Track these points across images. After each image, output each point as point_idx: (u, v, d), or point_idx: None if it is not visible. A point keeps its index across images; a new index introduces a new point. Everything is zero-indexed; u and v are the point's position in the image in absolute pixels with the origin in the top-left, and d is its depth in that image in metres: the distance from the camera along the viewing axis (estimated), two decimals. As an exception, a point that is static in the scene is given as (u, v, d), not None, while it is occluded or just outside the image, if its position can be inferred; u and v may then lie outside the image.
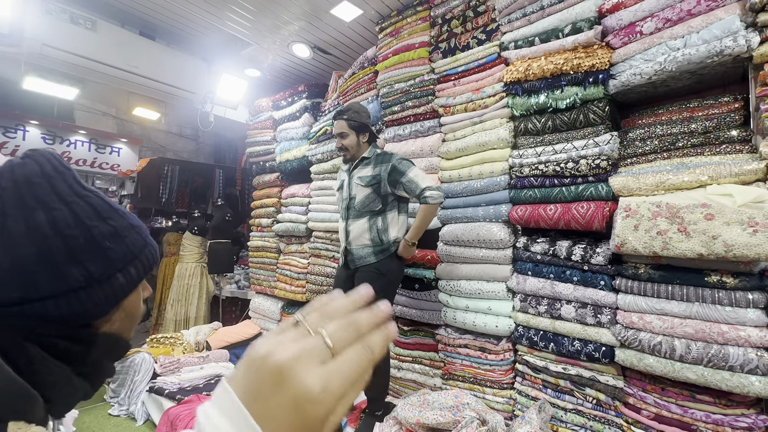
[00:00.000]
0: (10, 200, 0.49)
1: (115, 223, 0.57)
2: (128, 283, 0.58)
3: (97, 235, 0.54)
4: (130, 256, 0.58)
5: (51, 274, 0.49)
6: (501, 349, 2.10)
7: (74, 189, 0.54)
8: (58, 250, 0.50)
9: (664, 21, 1.63)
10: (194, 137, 7.45)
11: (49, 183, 0.52)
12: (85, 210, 0.54)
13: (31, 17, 2.61)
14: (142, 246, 0.61)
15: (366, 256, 2.04)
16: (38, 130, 5.87)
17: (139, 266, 0.60)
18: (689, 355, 1.48)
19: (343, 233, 2.13)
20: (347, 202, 2.12)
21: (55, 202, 0.51)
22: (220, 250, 4.52)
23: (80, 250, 0.52)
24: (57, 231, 0.50)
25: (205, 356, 3.05)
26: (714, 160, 1.56)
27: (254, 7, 2.84)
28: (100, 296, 0.54)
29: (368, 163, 2.08)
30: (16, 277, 0.48)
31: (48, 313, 0.50)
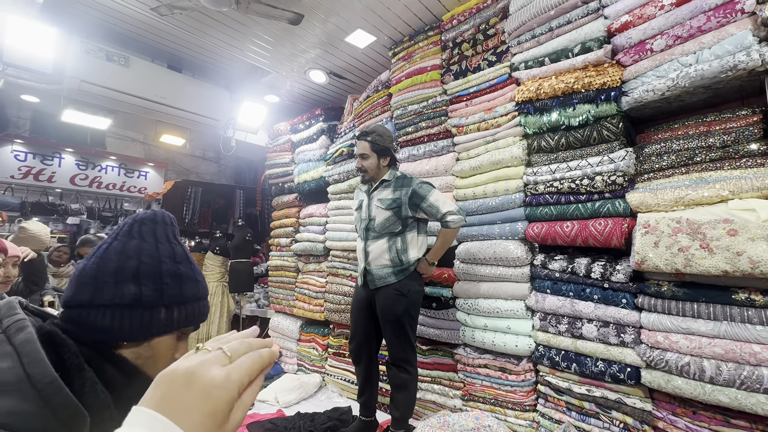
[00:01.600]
0: (124, 230, 0.66)
1: (182, 268, 0.67)
2: (166, 322, 0.64)
3: (164, 270, 0.64)
4: (179, 298, 0.66)
5: (115, 286, 0.60)
6: (522, 370, 2.06)
7: (168, 236, 0.68)
8: (129, 269, 0.61)
9: (675, 38, 1.64)
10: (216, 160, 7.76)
11: (153, 226, 0.67)
12: (166, 250, 0.66)
13: (72, 57, 2.84)
14: (194, 297, 0.68)
15: (386, 277, 2.05)
16: (73, 157, 6.27)
17: (183, 312, 0.66)
18: (720, 377, 1.42)
19: (362, 253, 2.14)
20: (366, 222, 2.14)
21: (149, 238, 0.65)
22: (241, 270, 4.63)
23: (144, 275, 0.62)
24: (137, 256, 0.63)
25: (226, 375, 3.09)
26: (734, 175, 1.53)
27: (273, 38, 3.00)
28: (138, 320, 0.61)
29: (388, 186, 2.12)
30: (94, 283, 0.59)
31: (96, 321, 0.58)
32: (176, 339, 0.67)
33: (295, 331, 3.58)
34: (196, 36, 3.01)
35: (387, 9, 2.59)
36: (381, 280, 2.06)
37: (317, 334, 3.37)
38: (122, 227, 0.66)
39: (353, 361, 2.25)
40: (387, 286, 2.04)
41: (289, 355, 3.64)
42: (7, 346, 0.48)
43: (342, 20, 2.72)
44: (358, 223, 2.23)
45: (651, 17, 1.70)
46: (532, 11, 2.06)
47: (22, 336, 0.49)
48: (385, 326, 2.07)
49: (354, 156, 3.19)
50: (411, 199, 2.03)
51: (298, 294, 3.58)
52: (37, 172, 5.89)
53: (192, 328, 0.71)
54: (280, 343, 3.75)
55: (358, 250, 2.20)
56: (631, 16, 1.75)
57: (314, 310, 3.35)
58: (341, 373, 3.06)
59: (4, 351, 0.48)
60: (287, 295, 3.78)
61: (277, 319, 3.86)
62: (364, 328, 2.18)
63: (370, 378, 2.22)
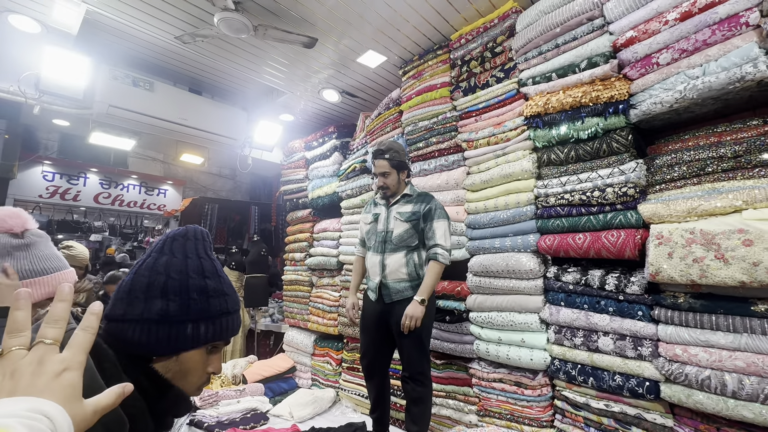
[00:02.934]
0: (156, 247, 0.68)
1: (210, 283, 0.68)
2: (193, 337, 0.65)
3: (191, 285, 0.66)
4: (206, 314, 0.66)
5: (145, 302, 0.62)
6: (538, 384, 2.03)
7: (198, 251, 0.70)
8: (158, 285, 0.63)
9: (680, 51, 1.66)
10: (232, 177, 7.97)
11: (184, 242, 0.69)
12: (194, 265, 0.68)
13: (101, 83, 3.02)
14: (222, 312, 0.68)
15: (403, 290, 2.07)
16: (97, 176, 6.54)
17: (210, 328, 0.66)
18: (743, 392, 1.39)
19: (378, 267, 2.12)
20: (384, 235, 2.15)
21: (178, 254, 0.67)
22: (256, 285, 4.71)
23: (172, 290, 0.64)
24: (166, 271, 0.65)
25: (242, 390, 3.12)
26: (748, 185, 1.52)
27: (288, 61, 3.13)
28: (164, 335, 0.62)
29: (410, 201, 2.16)
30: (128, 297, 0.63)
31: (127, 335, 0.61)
32: (206, 353, 0.68)
33: (309, 345, 3.61)
34: (216, 61, 3.17)
35: (397, 30, 2.69)
36: (398, 294, 2.07)
37: (331, 348, 3.38)
38: (157, 243, 0.69)
39: (366, 377, 2.24)
40: (404, 299, 2.05)
41: (303, 370, 3.66)
42: None
43: (354, 42, 2.84)
44: (372, 236, 2.23)
45: (656, 32, 1.73)
46: (538, 29, 2.12)
47: None
48: (402, 340, 2.05)
49: (367, 172, 3.27)
50: (426, 213, 2.10)
51: (312, 308, 3.62)
52: (63, 191, 6.16)
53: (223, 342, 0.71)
54: (294, 358, 3.77)
55: (371, 264, 2.19)
56: (636, 32, 1.79)
57: (328, 324, 3.38)
58: (355, 387, 3.06)
59: None
60: (301, 309, 3.82)
61: (292, 333, 3.89)
62: (377, 344, 2.17)
63: (383, 393, 2.22)
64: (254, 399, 3.03)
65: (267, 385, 3.36)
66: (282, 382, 3.54)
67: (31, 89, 2.86)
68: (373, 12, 2.51)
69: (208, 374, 0.70)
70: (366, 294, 2.25)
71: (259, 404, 2.96)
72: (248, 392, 3.14)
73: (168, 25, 2.70)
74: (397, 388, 2.68)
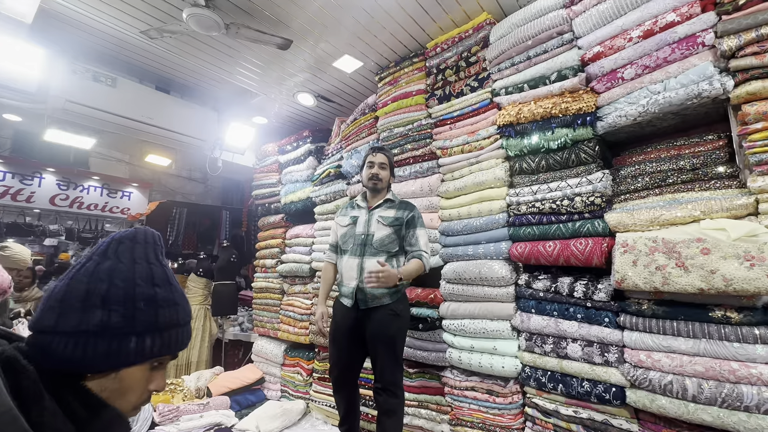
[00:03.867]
0: (100, 249, 0.61)
1: (160, 291, 0.61)
2: (137, 352, 0.58)
3: (138, 294, 0.59)
4: (153, 326, 0.59)
5: (81, 311, 0.55)
6: (509, 392, 2.03)
7: (148, 256, 0.63)
8: (98, 293, 0.56)
9: (643, 68, 1.74)
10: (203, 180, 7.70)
11: (132, 245, 0.62)
12: (142, 272, 0.61)
13: (58, 77, 2.84)
14: (171, 324, 0.62)
15: (381, 297, 1.98)
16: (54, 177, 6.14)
17: (158, 341, 0.60)
18: (702, 395, 1.43)
19: (356, 270, 2.02)
20: (363, 238, 2.06)
21: (125, 258, 0.60)
22: (225, 292, 4.52)
23: (114, 299, 0.57)
24: (109, 278, 0.58)
25: (206, 403, 2.96)
26: (705, 196, 1.59)
27: (262, 62, 3.06)
28: (103, 349, 0.55)
29: (392, 207, 2.13)
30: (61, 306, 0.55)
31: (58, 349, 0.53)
32: (150, 369, 0.61)
33: (279, 355, 3.48)
34: (185, 59, 3.05)
35: (374, 36, 2.68)
36: (375, 301, 1.98)
37: (302, 358, 3.28)
38: (99, 246, 0.61)
39: (335, 389, 2.14)
40: (381, 306, 1.98)
41: (272, 381, 3.52)
42: None
43: (330, 46, 2.81)
44: (350, 239, 2.11)
45: (621, 48, 1.80)
46: (511, 41, 2.17)
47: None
48: (377, 349, 1.98)
49: (341, 177, 3.23)
50: (409, 220, 2.07)
51: (283, 316, 3.50)
52: (15, 192, 5.73)
53: (169, 357, 0.65)
54: (264, 369, 3.63)
55: (347, 268, 2.06)
56: (602, 47, 1.86)
57: (299, 333, 3.28)
58: (326, 399, 2.97)
59: None
60: (271, 317, 3.69)
61: (261, 342, 3.75)
62: (347, 354, 2.07)
63: (353, 406, 2.15)
64: (219, 413, 2.88)
65: (233, 398, 3.21)
66: (249, 394, 3.39)
67: (-24, 80, 2.65)
68: (350, 17, 2.49)
69: (149, 392, 0.63)
70: (337, 302, 2.14)
71: (224, 419, 2.82)
72: (212, 406, 2.98)
73: (133, 18, 2.58)
74: (369, 398, 2.62)
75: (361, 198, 2.21)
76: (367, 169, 2.15)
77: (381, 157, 2.15)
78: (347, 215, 2.21)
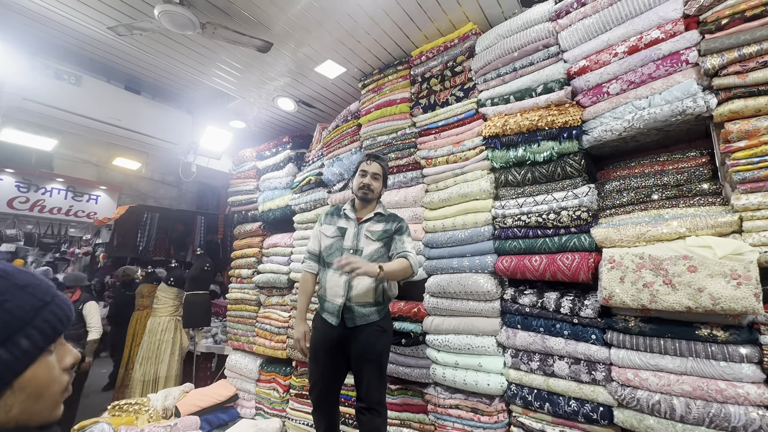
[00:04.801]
0: None
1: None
2: (17, 358, 0.48)
3: None
4: (14, 324, 0.49)
5: None
6: (494, 410, 1.97)
7: None
8: None
9: (628, 83, 1.74)
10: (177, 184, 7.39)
11: None
12: None
13: (14, 73, 2.62)
14: (35, 308, 0.52)
15: (369, 315, 1.89)
16: (13, 178, 5.75)
17: (33, 333, 0.51)
18: (690, 415, 1.41)
19: (343, 288, 1.90)
20: (352, 253, 1.93)
21: None
22: (197, 303, 4.29)
23: None
24: None
25: (173, 425, 2.76)
26: (689, 212, 1.60)
27: (240, 64, 2.94)
28: None
29: (380, 220, 2.02)
30: None
31: None
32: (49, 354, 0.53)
33: (255, 370, 3.32)
34: (158, 58, 2.89)
35: (357, 42, 2.62)
36: (363, 318, 1.88)
37: (278, 373, 3.13)
38: None
39: (315, 407, 2.01)
40: (368, 324, 1.89)
41: (246, 398, 3.34)
42: None
43: (312, 51, 2.72)
44: (336, 252, 1.97)
45: (606, 63, 1.80)
46: (497, 52, 2.15)
47: None
48: (362, 366, 1.88)
49: (322, 185, 3.13)
50: (397, 229, 1.99)
51: (259, 330, 3.34)
52: (-34, 194, 5.32)
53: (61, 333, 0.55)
54: (237, 385, 3.45)
55: (333, 284, 1.93)
56: (588, 62, 1.85)
57: (276, 347, 3.13)
58: (304, 417, 2.83)
59: None
60: (247, 330, 3.52)
61: (235, 357, 3.57)
62: (329, 373, 1.96)
63: (333, 425, 2.03)
64: (187, 435, 2.69)
65: (204, 417, 3.01)
66: (221, 412, 3.20)
67: None
68: (333, 21, 2.41)
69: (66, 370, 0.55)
70: (319, 317, 2.01)
71: (193, 441, 2.63)
72: (180, 427, 2.78)
73: (100, 13, 2.41)
74: (349, 416, 2.51)
75: (349, 207, 2.08)
76: (359, 177, 2.02)
77: (375, 166, 2.03)
78: (333, 224, 2.07)
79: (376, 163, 2.03)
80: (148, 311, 4.51)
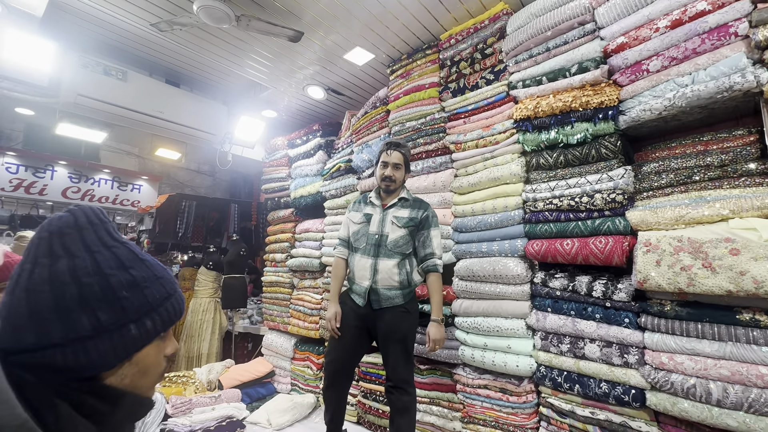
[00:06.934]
0: (42, 249, 0.52)
1: (136, 273, 0.57)
2: (142, 336, 0.56)
3: (115, 284, 0.54)
4: (147, 307, 0.57)
5: (62, 321, 0.50)
6: (523, 391, 2.01)
7: (103, 239, 0.56)
8: (71, 298, 0.51)
9: (670, 59, 1.67)
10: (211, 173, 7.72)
11: (79, 233, 0.54)
12: (107, 259, 0.55)
13: (69, 70, 2.83)
14: (163, 298, 0.60)
15: (394, 297, 1.98)
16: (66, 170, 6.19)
17: (157, 319, 0.58)
18: (727, 400, 1.39)
19: (369, 271, 2.00)
20: (377, 238, 2.03)
21: (79, 251, 0.53)
22: (234, 285, 4.54)
23: (93, 298, 0.52)
24: (75, 278, 0.51)
25: (217, 396, 2.99)
26: (734, 194, 1.53)
27: (272, 54, 3.02)
28: (108, 347, 0.52)
29: (406, 206, 2.08)
30: (32, 322, 0.49)
31: (56, 362, 0.50)
32: (160, 341, 0.60)
33: (289, 349, 3.50)
34: (195, 51, 3.02)
35: (386, 28, 2.62)
36: (388, 301, 1.98)
37: (312, 352, 3.29)
38: (38, 246, 0.53)
39: (329, 383, 2.05)
40: (393, 307, 1.98)
41: (282, 374, 3.54)
42: None
43: (341, 38, 2.75)
44: (363, 237, 2.07)
45: (646, 39, 1.73)
46: (529, 32, 2.10)
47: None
48: (389, 347, 1.97)
49: (352, 171, 3.19)
50: (423, 220, 2.04)
51: (293, 311, 3.51)
52: (28, 185, 5.79)
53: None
54: (273, 362, 3.66)
55: (360, 267, 2.03)
56: (626, 38, 1.78)
57: (309, 327, 3.28)
58: (336, 393, 2.97)
59: None
60: (281, 311, 3.70)
61: (271, 336, 3.77)
62: (351, 350, 2.05)
63: (342, 405, 2.10)
64: (230, 406, 2.90)
65: (244, 391, 3.23)
66: (260, 387, 3.41)
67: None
68: (361, 7, 2.43)
69: (166, 360, 0.63)
70: (347, 296, 2.11)
71: (236, 411, 2.84)
72: (224, 398, 3.00)
73: (143, 11, 2.55)
74: (380, 393, 2.62)
75: (375, 195, 2.16)
76: (381, 168, 2.08)
77: (396, 156, 2.07)
78: (360, 211, 2.16)
79: (396, 152, 2.07)
80: (190, 293, 4.81)
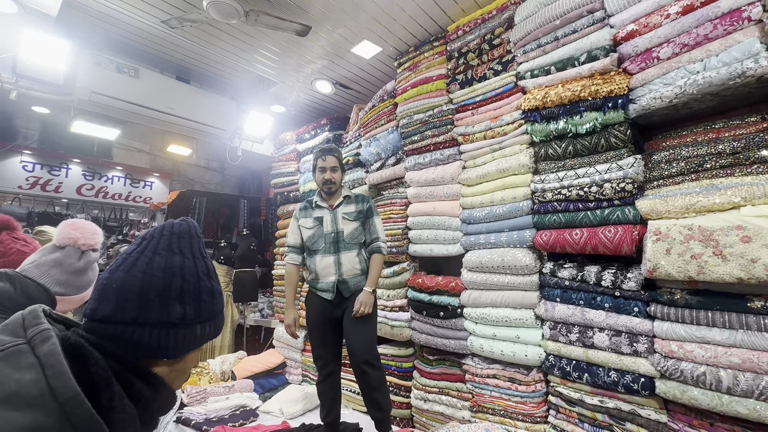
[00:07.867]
0: (163, 243, 0.65)
1: (214, 284, 0.70)
2: (202, 337, 0.66)
3: (202, 288, 0.66)
4: (211, 314, 0.68)
5: (162, 304, 0.60)
6: (532, 380, 2.03)
7: (201, 251, 0.70)
8: (175, 288, 0.62)
9: (681, 46, 1.65)
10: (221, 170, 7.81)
11: (190, 240, 0.68)
12: (202, 266, 0.68)
13: (83, 69, 2.89)
14: (219, 311, 0.71)
15: (359, 282, 2.23)
16: (79, 167, 6.32)
17: (212, 327, 0.68)
18: (738, 387, 1.39)
19: (334, 266, 2.20)
20: (334, 236, 2.23)
21: (189, 254, 0.66)
22: (245, 279, 4.62)
23: (187, 294, 0.63)
24: (182, 273, 0.63)
25: (231, 386, 3.06)
26: (746, 181, 1.51)
27: (280, 49, 3.04)
28: (182, 338, 0.63)
29: (350, 202, 2.31)
30: (139, 299, 0.59)
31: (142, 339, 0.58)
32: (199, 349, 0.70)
33: (300, 340, 3.55)
34: (205, 48, 3.06)
35: (393, 20, 2.62)
36: (356, 286, 2.21)
37: (322, 344, 3.34)
38: (158, 239, 0.66)
39: (322, 377, 2.23)
40: (360, 290, 2.18)
41: (293, 366, 3.61)
42: (32, 358, 0.47)
43: (348, 31, 2.76)
44: (320, 239, 2.25)
45: (657, 26, 1.71)
46: (538, 21, 2.09)
47: (46, 347, 0.48)
48: (355, 327, 2.12)
49: (360, 165, 3.22)
50: (368, 210, 2.29)
51: (303, 303, 3.55)
52: (44, 182, 5.94)
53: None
54: (285, 354, 3.72)
55: (323, 266, 2.21)
56: (636, 25, 1.76)
57: (319, 319, 3.32)
58: (347, 383, 3.02)
59: (28, 362, 0.47)
60: (292, 304, 3.75)
61: (282, 329, 3.83)
62: (334, 344, 2.25)
63: (338, 395, 2.27)
64: (243, 395, 2.97)
65: (256, 381, 3.31)
66: (272, 378, 3.49)
67: (7, 73, 2.71)
68: (368, 0, 2.44)
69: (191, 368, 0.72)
70: (313, 296, 2.27)
71: (249, 401, 2.91)
72: (237, 388, 3.08)
73: (154, 8, 2.58)
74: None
75: (319, 198, 2.33)
76: (320, 173, 2.27)
77: (331, 160, 2.26)
78: (310, 217, 2.31)
79: (331, 156, 2.27)
80: (202, 286, 4.90)
